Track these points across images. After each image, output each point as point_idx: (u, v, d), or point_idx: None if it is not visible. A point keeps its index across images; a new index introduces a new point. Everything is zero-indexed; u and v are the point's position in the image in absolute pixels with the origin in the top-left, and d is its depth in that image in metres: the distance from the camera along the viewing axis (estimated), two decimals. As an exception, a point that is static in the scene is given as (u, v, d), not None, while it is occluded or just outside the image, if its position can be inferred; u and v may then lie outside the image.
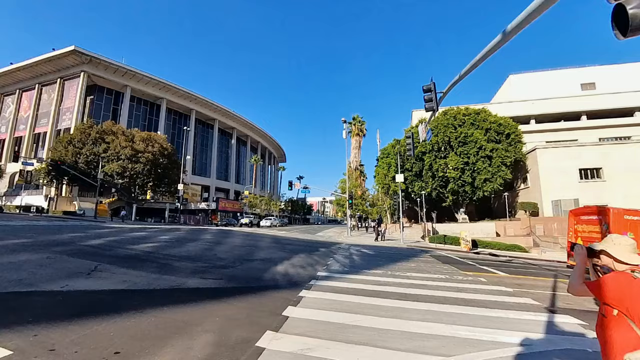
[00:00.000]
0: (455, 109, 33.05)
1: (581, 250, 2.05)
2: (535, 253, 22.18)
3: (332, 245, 19.73)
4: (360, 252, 16.35)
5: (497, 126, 30.92)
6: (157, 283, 6.72)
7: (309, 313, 5.24)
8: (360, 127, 46.71)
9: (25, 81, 52.33)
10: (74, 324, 4.12)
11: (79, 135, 36.94)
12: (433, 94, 8.70)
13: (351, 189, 38.78)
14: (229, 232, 26.17)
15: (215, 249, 13.55)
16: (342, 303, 5.97)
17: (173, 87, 57.70)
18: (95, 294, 5.67)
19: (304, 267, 10.20)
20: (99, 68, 47.95)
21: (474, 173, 29.58)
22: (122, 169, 35.84)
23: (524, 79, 44.67)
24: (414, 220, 40.01)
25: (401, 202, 26.53)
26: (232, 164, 74.96)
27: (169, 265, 9.01)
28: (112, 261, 8.79)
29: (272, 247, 16.36)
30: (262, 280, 7.95)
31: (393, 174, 33.00)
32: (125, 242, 13.70)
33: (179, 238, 17.54)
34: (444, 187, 31.17)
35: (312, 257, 12.99)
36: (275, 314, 5.08)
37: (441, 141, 30.70)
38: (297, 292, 6.61)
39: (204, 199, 60.94)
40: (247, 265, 10.10)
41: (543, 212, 28.73)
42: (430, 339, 4.27)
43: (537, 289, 8.46)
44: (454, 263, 13.44)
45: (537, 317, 5.69)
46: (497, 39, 5.86)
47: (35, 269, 7.30)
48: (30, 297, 5.28)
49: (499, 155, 29.35)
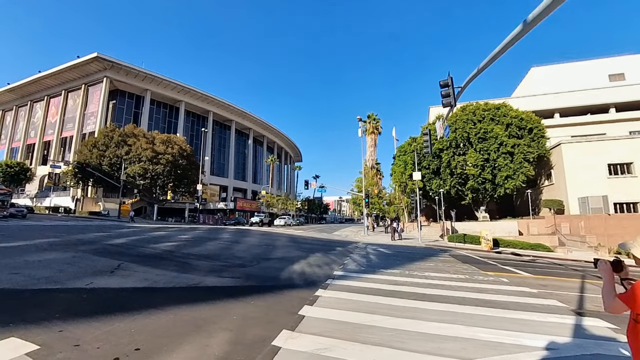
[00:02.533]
0: (474, 104, 32.14)
1: (605, 266, 1.92)
2: (560, 252, 21.32)
3: (348, 245, 19.65)
4: (377, 252, 16.20)
5: (519, 121, 29.85)
6: (176, 281, 6.87)
7: (325, 312, 5.22)
8: (375, 125, 46.16)
9: (53, 88, 54.85)
10: (97, 321, 4.26)
11: (103, 139, 38.35)
12: (450, 89, 8.44)
13: (367, 187, 38.42)
14: (246, 231, 26.52)
15: (233, 248, 13.76)
16: (359, 303, 5.91)
17: (191, 89, 58.98)
18: (117, 292, 5.86)
19: (320, 267, 10.19)
20: (120, 73, 49.63)
21: (495, 170, 28.70)
22: (144, 170, 36.96)
23: (546, 71, 42.89)
24: (432, 218, 39.27)
25: (418, 200, 26.11)
26: (249, 164, 75.93)
27: (188, 264, 9.21)
28: (134, 260, 9.07)
29: (289, 246, 16.45)
30: (279, 279, 7.99)
31: (410, 172, 32.48)
32: (147, 241, 14.12)
33: (198, 237, 17.91)
34: (463, 185, 30.40)
35: (329, 257, 12.97)
36: (292, 313, 5.08)
37: (460, 137, 29.96)
38: (313, 292, 6.60)
39: (222, 198, 62.00)
40: (264, 264, 10.18)
41: (569, 209, 27.56)
42: (450, 341, 4.15)
43: (563, 290, 8.10)
44: (474, 263, 13.10)
45: (564, 320, 5.43)
46: (518, 30, 5.62)
47: (63, 267, 7.63)
48: (57, 294, 5.52)
49: (520, 151, 28.33)
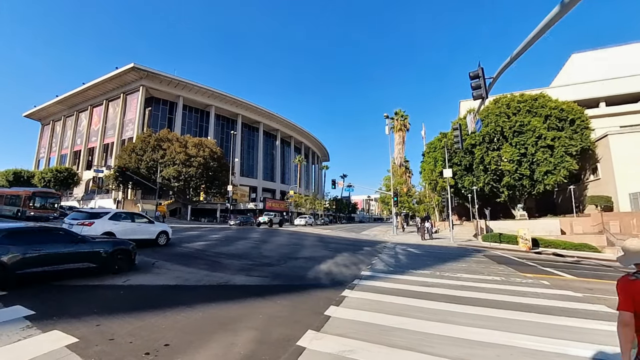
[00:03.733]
0: (509, 96, 30.45)
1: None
2: (609, 253, 19.64)
3: (376, 244, 19.35)
4: (406, 251, 15.80)
5: (559, 112, 27.90)
6: (206, 279, 7.07)
7: (351, 314, 5.12)
8: (403, 121, 45.12)
9: (95, 98, 58.88)
10: (132, 316, 4.47)
11: (140, 144, 40.54)
12: (481, 80, 7.98)
13: (396, 186, 37.68)
14: (274, 231, 26.92)
15: (262, 247, 13.98)
16: (386, 304, 5.76)
17: (220, 94, 60.98)
18: (151, 289, 6.12)
19: (347, 266, 10.09)
20: (154, 81, 52.32)
21: (533, 165, 27.03)
22: (177, 172, 38.67)
23: (589, 57, 39.71)
24: (465, 217, 37.74)
25: (450, 198, 25.17)
26: (277, 164, 77.14)
27: (218, 262, 9.46)
28: (167, 258, 9.47)
29: (316, 245, 16.47)
30: (306, 278, 7.99)
31: (440, 169, 31.41)
32: (181, 240, 14.71)
33: (228, 237, 18.42)
34: (497, 182, 28.90)
35: (356, 256, 12.82)
36: (317, 313, 5.05)
37: (493, 132, 28.52)
38: (339, 292, 6.52)
39: (252, 199, 63.42)
40: (291, 263, 10.25)
41: (619, 206, 25.38)
42: (483, 347, 3.91)
43: (612, 295, 7.39)
44: (511, 264, 12.39)
45: (614, 328, 4.95)
46: (555, 11, 5.17)
47: (103, 265, 8.12)
48: (97, 290, 5.87)
49: (562, 144, 26.45)
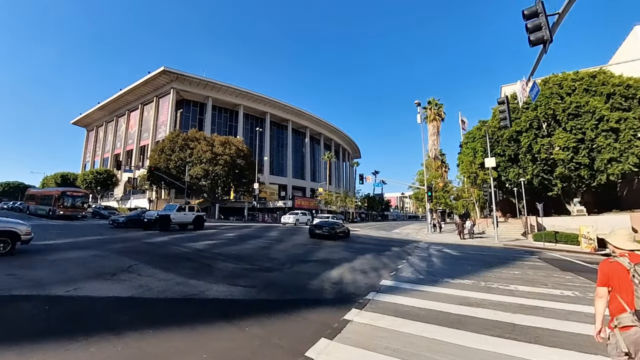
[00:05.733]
0: (560, 75, 26.43)
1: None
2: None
3: (407, 244, 17.09)
4: (441, 253, 13.51)
5: (625, 89, 23.62)
6: (174, 290, 5.54)
7: (347, 357, 3.30)
8: (437, 111, 41.55)
9: (131, 103, 61.30)
10: (12, 351, 2.95)
11: (169, 144, 41.04)
12: (542, 17, 5.64)
13: (430, 180, 34.64)
14: (298, 229, 25.37)
15: (272, 248, 12.44)
16: (405, 337, 3.82)
17: (248, 93, 60.92)
18: (89, 303, 4.65)
19: (365, 272, 8.19)
20: (184, 83, 53.17)
21: (593, 152, 23.08)
22: (204, 171, 38.57)
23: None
24: (510, 213, 33.79)
25: (492, 192, 22.18)
26: (307, 162, 75.97)
27: (207, 266, 7.99)
28: (151, 260, 8.14)
29: (337, 245, 14.63)
30: (304, 290, 6.22)
31: (481, 161, 28.20)
32: (186, 239, 13.55)
33: (243, 235, 17.14)
34: (549, 172, 25.12)
35: (380, 259, 10.84)
36: (295, 354, 3.28)
37: (542, 116, 24.83)
38: (342, 313, 4.69)
39: (282, 197, 62.77)
40: (297, 267, 8.55)
41: None
42: None
43: None
44: (580, 271, 9.72)
45: None
46: None
47: (71, 267, 6.91)
48: (20, 302, 4.48)
49: (629, 126, 22.26)
